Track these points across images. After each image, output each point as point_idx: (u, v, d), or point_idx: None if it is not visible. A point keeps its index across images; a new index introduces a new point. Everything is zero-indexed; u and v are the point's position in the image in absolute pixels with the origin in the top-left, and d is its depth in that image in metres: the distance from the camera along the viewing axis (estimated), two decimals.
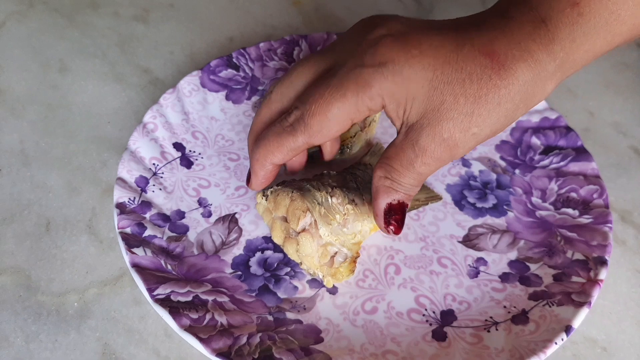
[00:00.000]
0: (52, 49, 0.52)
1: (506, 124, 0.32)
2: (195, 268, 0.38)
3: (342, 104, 0.32)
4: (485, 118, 0.31)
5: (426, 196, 0.42)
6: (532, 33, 0.30)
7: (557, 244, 0.39)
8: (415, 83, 0.31)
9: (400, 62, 0.31)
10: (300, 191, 0.37)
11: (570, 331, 0.34)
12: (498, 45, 0.30)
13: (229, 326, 0.35)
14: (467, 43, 0.31)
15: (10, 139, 0.46)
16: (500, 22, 0.31)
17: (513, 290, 0.38)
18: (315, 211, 0.36)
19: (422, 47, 0.31)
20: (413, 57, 0.31)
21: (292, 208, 0.37)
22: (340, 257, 0.37)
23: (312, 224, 0.36)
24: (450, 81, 0.31)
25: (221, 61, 0.48)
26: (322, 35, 0.50)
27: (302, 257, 0.37)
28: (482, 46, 0.31)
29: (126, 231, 0.38)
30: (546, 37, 0.30)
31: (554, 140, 0.44)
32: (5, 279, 0.38)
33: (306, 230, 0.36)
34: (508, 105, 0.31)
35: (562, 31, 0.30)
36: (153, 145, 0.43)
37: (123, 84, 0.50)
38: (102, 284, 0.38)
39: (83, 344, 0.36)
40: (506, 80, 0.30)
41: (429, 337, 0.36)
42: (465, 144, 0.32)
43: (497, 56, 0.30)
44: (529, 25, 0.31)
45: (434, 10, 0.56)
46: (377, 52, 0.31)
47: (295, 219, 0.37)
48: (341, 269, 0.37)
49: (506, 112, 0.31)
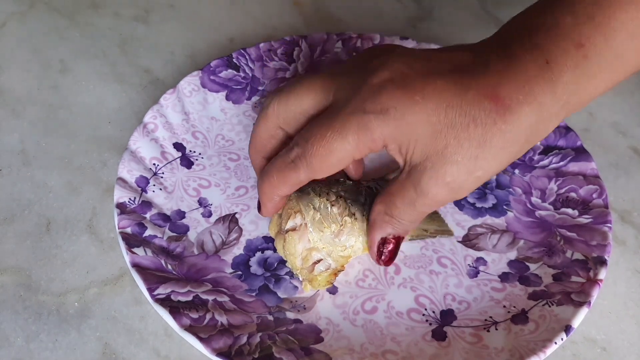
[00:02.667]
0: (52, 49, 0.52)
1: (509, 163, 0.32)
2: (195, 268, 0.38)
3: (343, 146, 0.32)
4: (490, 161, 0.31)
5: (437, 229, 0.41)
6: (536, 76, 0.30)
7: (556, 243, 0.39)
8: (418, 127, 0.31)
9: (402, 108, 0.31)
10: (300, 193, 0.37)
11: (569, 331, 0.34)
12: (502, 89, 0.30)
13: (229, 326, 0.35)
14: (471, 87, 0.31)
15: (10, 139, 0.46)
16: (504, 64, 0.31)
17: (513, 290, 0.38)
18: (308, 215, 0.36)
19: (424, 92, 0.31)
20: (416, 103, 0.31)
21: (287, 207, 0.37)
22: (322, 266, 0.36)
23: (301, 226, 0.36)
24: (454, 125, 0.30)
25: (221, 61, 0.48)
26: (322, 35, 0.50)
27: (286, 255, 0.37)
28: (486, 90, 0.30)
29: (126, 231, 0.38)
30: (550, 80, 0.30)
31: (553, 140, 0.44)
32: (6, 279, 0.38)
33: (295, 230, 0.36)
34: (513, 148, 0.31)
35: (566, 73, 0.30)
36: (153, 145, 0.43)
37: (123, 84, 0.50)
38: (102, 284, 0.38)
39: (83, 343, 0.36)
40: (511, 124, 0.30)
41: (428, 336, 0.36)
42: (468, 186, 0.32)
43: (501, 100, 0.30)
44: (533, 66, 0.30)
45: (433, 10, 0.57)
46: (380, 99, 0.31)
47: (286, 217, 0.37)
48: (319, 277, 0.37)
49: (510, 154, 0.31)
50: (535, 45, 0.31)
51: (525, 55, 0.31)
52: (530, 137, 0.31)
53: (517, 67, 0.30)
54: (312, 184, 0.39)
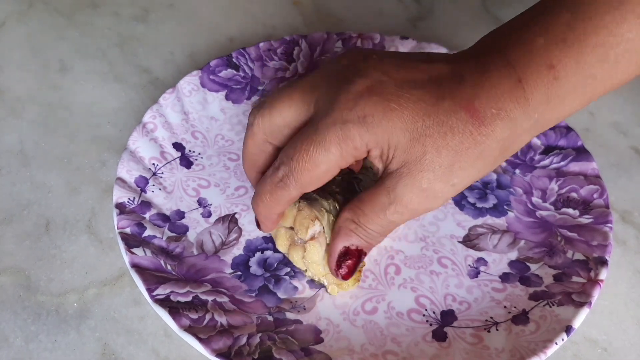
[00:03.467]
0: (52, 49, 0.52)
1: (484, 174, 0.33)
2: (195, 268, 0.38)
3: (328, 158, 0.32)
4: (466, 170, 0.32)
5: None
6: (509, 92, 0.31)
7: (557, 244, 0.39)
8: (396, 134, 0.31)
9: (379, 115, 0.31)
10: (307, 200, 0.37)
11: (570, 331, 0.34)
12: (478, 102, 0.31)
13: (229, 326, 0.35)
14: (447, 97, 0.31)
15: (9, 138, 0.46)
16: (479, 77, 0.32)
17: (513, 291, 0.38)
18: (323, 219, 0.36)
19: (400, 101, 0.32)
20: (392, 110, 0.31)
21: (300, 218, 0.36)
22: None
23: (320, 232, 0.36)
24: (432, 134, 0.31)
25: (221, 61, 0.48)
26: (322, 35, 0.50)
27: (309, 265, 0.37)
28: (462, 101, 0.31)
29: (126, 231, 0.38)
30: (522, 97, 0.31)
31: (554, 140, 0.44)
32: (5, 279, 0.38)
33: (314, 238, 0.36)
34: (487, 159, 0.32)
35: (537, 93, 0.31)
36: (153, 145, 0.43)
37: (123, 84, 0.50)
38: (101, 284, 0.38)
39: (82, 344, 0.36)
40: (485, 136, 0.31)
41: (429, 337, 0.36)
42: (444, 194, 0.32)
43: (477, 112, 0.31)
44: (506, 82, 0.31)
45: (434, 9, 0.56)
46: (357, 107, 0.32)
47: (304, 228, 0.36)
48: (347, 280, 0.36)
49: (485, 164, 0.32)
50: (508, 62, 0.32)
51: (500, 71, 0.31)
52: (503, 151, 0.32)
53: (491, 82, 0.31)
54: None
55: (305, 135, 0.33)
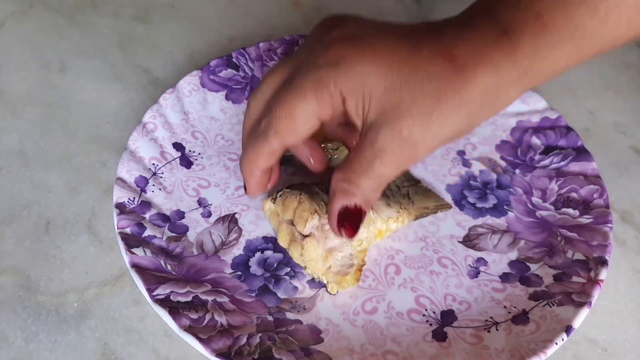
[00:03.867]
0: (52, 48, 0.52)
1: (469, 126, 0.32)
2: (195, 268, 0.38)
3: (305, 104, 0.32)
4: (447, 117, 0.31)
5: (435, 204, 0.41)
6: (494, 41, 0.31)
7: (557, 244, 0.39)
8: (370, 80, 0.31)
9: (352, 59, 0.31)
10: (309, 194, 0.37)
11: (570, 331, 0.34)
12: (457, 51, 0.31)
13: (229, 326, 0.35)
14: (424, 46, 0.31)
15: (10, 139, 0.46)
16: (461, 30, 0.31)
17: (513, 291, 0.38)
18: (323, 213, 0.36)
19: (374, 46, 0.31)
20: (365, 55, 0.31)
21: (300, 210, 0.36)
22: (346, 262, 0.37)
23: (318, 227, 0.36)
24: (408, 80, 0.31)
25: (221, 61, 0.48)
26: None
27: (306, 262, 0.37)
28: (440, 50, 0.31)
29: (126, 231, 0.38)
30: (509, 45, 0.30)
31: (554, 140, 0.44)
32: (5, 279, 0.38)
33: (312, 234, 0.36)
34: (469, 106, 0.31)
35: (524, 41, 0.30)
36: (153, 145, 0.43)
37: (123, 84, 0.50)
38: (101, 284, 0.38)
39: (82, 344, 0.36)
40: (466, 82, 0.30)
41: (429, 337, 0.36)
42: (425, 142, 0.31)
43: (456, 60, 0.30)
44: (491, 34, 0.31)
45: (433, 10, 0.56)
46: (330, 51, 0.32)
47: (302, 221, 0.36)
48: (347, 277, 0.36)
49: (467, 113, 0.31)
50: (494, 18, 0.31)
51: (485, 24, 0.31)
52: (488, 100, 0.31)
53: (474, 34, 0.31)
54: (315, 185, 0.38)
55: (284, 86, 0.33)
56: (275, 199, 0.38)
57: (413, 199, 0.41)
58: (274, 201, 0.38)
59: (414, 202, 0.41)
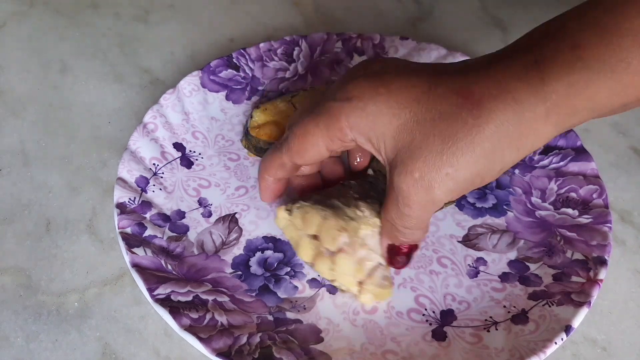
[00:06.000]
0: (52, 49, 0.52)
1: (490, 167, 0.30)
2: (195, 268, 0.38)
3: (316, 132, 0.33)
4: (459, 157, 0.29)
5: None
6: (519, 73, 0.28)
7: (556, 243, 0.39)
8: (382, 119, 0.31)
9: (365, 98, 0.31)
10: (332, 209, 0.36)
11: (570, 331, 0.34)
12: (476, 87, 0.29)
13: (229, 326, 0.35)
14: (442, 84, 0.30)
15: (10, 139, 0.46)
16: (488, 66, 0.30)
17: (513, 290, 0.38)
18: (350, 228, 0.35)
19: (391, 86, 0.31)
20: (379, 94, 0.31)
21: (326, 227, 0.35)
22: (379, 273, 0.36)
23: (348, 243, 0.35)
24: (420, 120, 0.30)
25: (221, 61, 0.48)
26: (322, 35, 0.50)
27: (337, 276, 0.36)
28: (458, 87, 0.29)
29: (126, 231, 0.38)
30: (535, 77, 0.28)
31: (553, 140, 0.44)
32: (6, 279, 0.38)
33: (343, 249, 0.35)
34: (485, 145, 0.29)
35: (555, 73, 0.28)
36: (153, 145, 0.43)
37: (123, 84, 0.50)
38: (102, 284, 0.38)
39: (83, 343, 0.36)
40: (480, 118, 0.28)
41: (428, 337, 0.36)
42: (440, 185, 0.30)
43: (471, 96, 0.29)
44: (519, 66, 0.29)
45: (433, 10, 0.56)
46: (348, 87, 0.32)
47: (330, 238, 0.35)
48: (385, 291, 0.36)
49: (484, 152, 0.29)
50: (527, 47, 0.29)
51: (514, 56, 0.29)
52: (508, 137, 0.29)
53: (499, 66, 0.29)
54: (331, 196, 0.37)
55: (310, 108, 0.34)
56: (291, 211, 0.37)
57: None
58: (289, 213, 0.37)
59: None
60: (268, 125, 0.43)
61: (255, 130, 0.43)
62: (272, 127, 0.43)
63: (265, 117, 0.43)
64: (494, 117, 0.28)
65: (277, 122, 0.43)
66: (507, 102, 0.28)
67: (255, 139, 0.42)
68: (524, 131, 0.29)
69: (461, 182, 0.30)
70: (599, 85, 0.28)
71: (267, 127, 0.43)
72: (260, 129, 0.43)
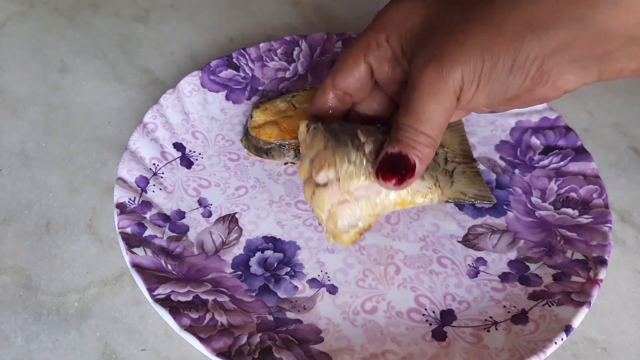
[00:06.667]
0: (52, 49, 0.52)
1: (502, 44, 0.28)
2: (195, 268, 0.38)
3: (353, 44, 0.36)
4: (471, 25, 0.29)
5: (476, 193, 0.38)
6: None
7: (556, 243, 0.39)
8: (413, 13, 0.33)
9: None
10: (338, 142, 0.35)
11: (570, 331, 0.34)
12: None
13: (229, 326, 0.35)
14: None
15: (10, 139, 0.46)
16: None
17: (513, 290, 0.38)
18: (341, 168, 0.34)
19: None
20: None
21: (320, 156, 0.35)
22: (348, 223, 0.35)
23: (332, 181, 0.35)
24: (441, 11, 0.32)
25: (221, 61, 0.48)
26: (322, 35, 0.50)
27: (314, 206, 0.36)
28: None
29: (126, 231, 0.38)
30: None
31: (553, 140, 0.44)
32: (6, 279, 0.38)
33: (327, 185, 0.35)
34: (495, 14, 0.29)
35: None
36: (153, 145, 0.43)
37: (123, 84, 0.50)
38: (102, 284, 0.38)
39: (83, 343, 0.36)
40: (491, 3, 0.29)
41: (428, 336, 0.36)
42: (451, 52, 0.29)
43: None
44: None
45: None
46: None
47: (318, 167, 0.35)
48: (344, 236, 0.36)
49: (500, 27, 0.28)
50: None
51: None
52: (524, 21, 0.28)
53: None
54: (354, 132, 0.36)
55: None
56: (309, 128, 0.37)
57: (455, 180, 0.38)
58: (308, 129, 0.37)
59: (453, 183, 0.37)
60: (268, 125, 0.43)
61: (255, 130, 0.43)
62: (272, 127, 0.43)
63: (265, 117, 0.43)
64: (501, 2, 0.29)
65: (277, 122, 0.43)
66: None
67: (255, 139, 0.42)
68: (539, 13, 0.28)
69: (473, 65, 0.29)
70: None
71: (267, 127, 0.43)
72: (260, 129, 0.43)
